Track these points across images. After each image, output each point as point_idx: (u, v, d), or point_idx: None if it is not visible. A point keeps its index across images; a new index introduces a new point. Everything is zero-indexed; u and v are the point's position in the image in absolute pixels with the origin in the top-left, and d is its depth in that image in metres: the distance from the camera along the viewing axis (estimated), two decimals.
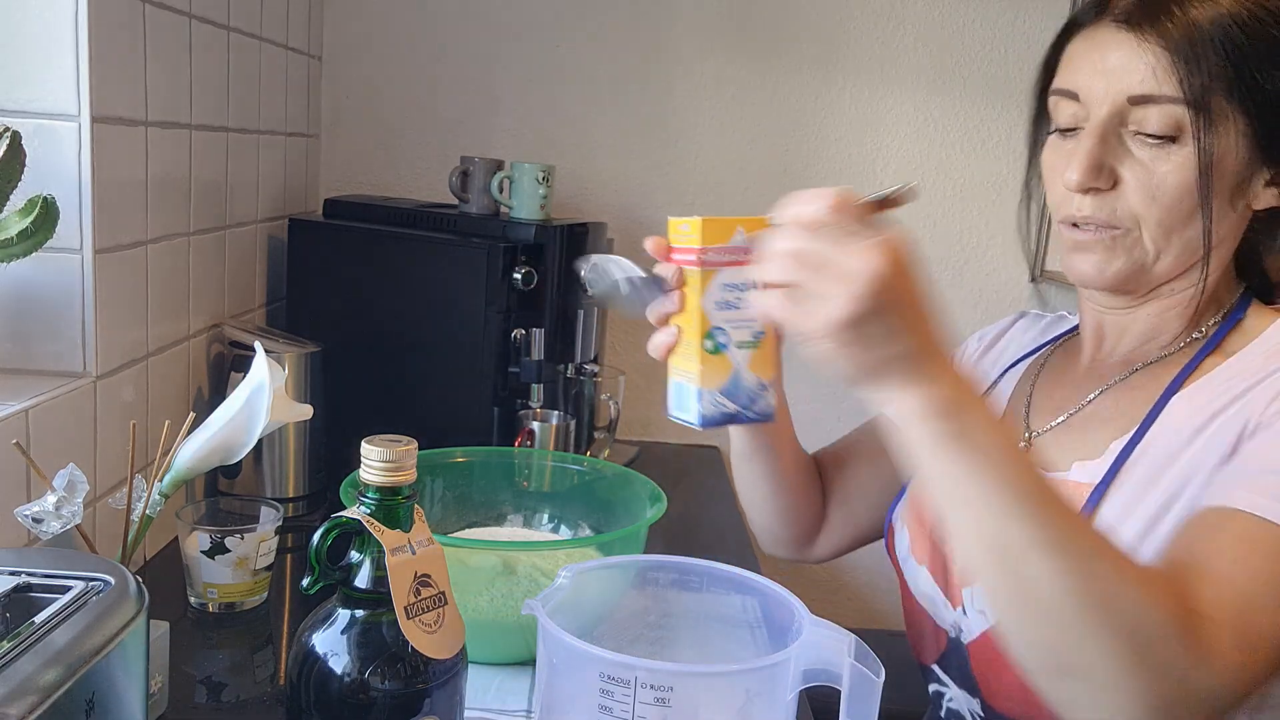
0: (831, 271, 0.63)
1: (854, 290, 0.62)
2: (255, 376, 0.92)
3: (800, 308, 0.65)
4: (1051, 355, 1.01)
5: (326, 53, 1.78)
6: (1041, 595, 0.66)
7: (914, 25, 1.78)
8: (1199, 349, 0.87)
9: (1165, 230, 0.82)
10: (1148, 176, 0.81)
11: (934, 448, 0.67)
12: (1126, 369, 0.90)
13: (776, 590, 0.75)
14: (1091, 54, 0.83)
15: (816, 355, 0.66)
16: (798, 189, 0.68)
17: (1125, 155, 0.82)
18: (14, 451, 0.86)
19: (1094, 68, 0.83)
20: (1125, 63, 0.81)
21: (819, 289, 0.64)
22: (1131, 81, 0.80)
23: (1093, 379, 0.93)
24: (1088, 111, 0.83)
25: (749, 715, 0.66)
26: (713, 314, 0.75)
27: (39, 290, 1.02)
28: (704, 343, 0.75)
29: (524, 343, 1.43)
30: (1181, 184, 0.80)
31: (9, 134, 0.87)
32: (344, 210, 1.57)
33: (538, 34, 1.78)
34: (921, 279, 0.66)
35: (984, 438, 0.67)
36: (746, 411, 0.77)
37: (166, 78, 1.17)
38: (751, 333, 0.75)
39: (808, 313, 0.64)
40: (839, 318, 0.63)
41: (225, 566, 1.04)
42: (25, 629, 0.55)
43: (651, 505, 1.03)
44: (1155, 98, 0.79)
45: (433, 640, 0.64)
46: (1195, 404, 0.82)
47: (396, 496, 0.64)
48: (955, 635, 0.91)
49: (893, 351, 0.65)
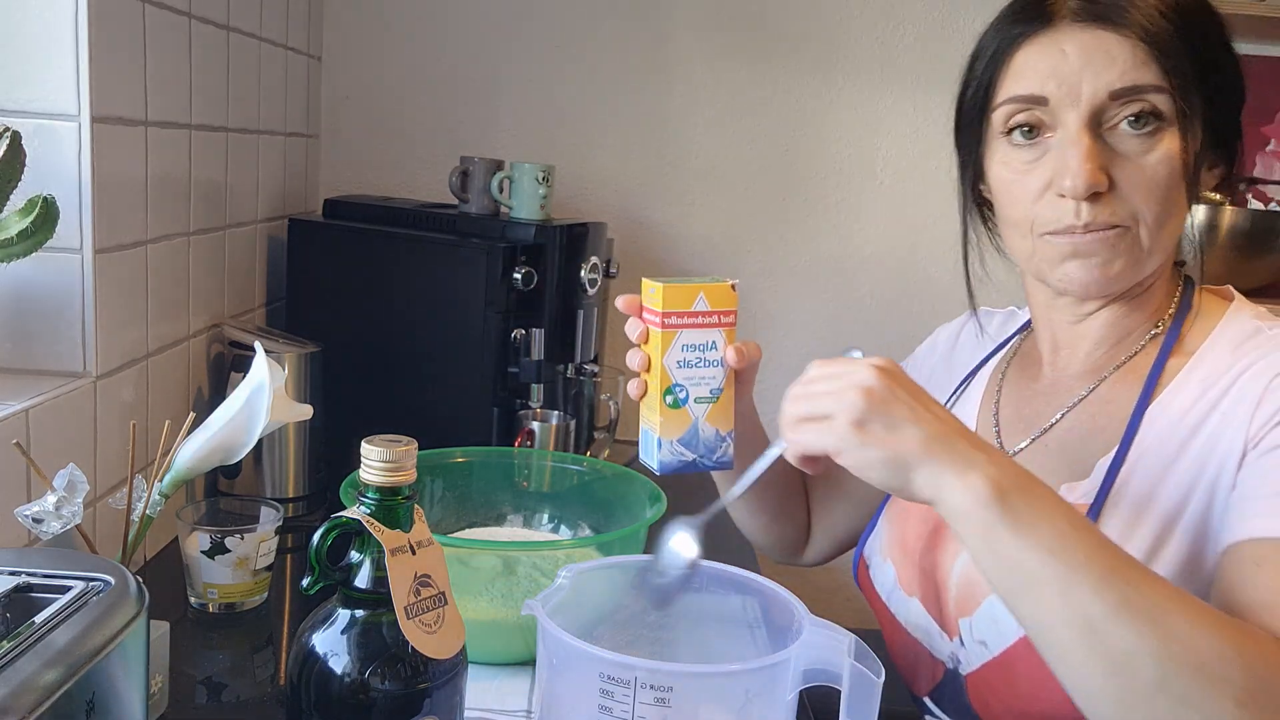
0: (833, 388, 0.70)
1: (852, 395, 0.69)
2: (255, 376, 0.92)
3: (819, 426, 0.71)
4: (1009, 367, 1.00)
5: (326, 53, 1.78)
6: (1138, 664, 0.63)
7: (914, 25, 1.78)
8: (1158, 349, 0.86)
9: (1159, 224, 0.81)
10: (1139, 171, 0.80)
11: (989, 537, 0.67)
12: (1092, 380, 0.89)
13: (776, 590, 0.75)
14: (1053, 57, 0.81)
15: (851, 466, 0.70)
16: (797, 189, 0.70)
17: (1110, 153, 0.80)
18: (14, 451, 0.86)
19: (1063, 69, 0.80)
20: (1103, 57, 0.79)
21: (827, 407, 0.70)
22: (1112, 75, 0.79)
23: (1058, 393, 0.92)
24: (1058, 116, 0.81)
25: (749, 715, 0.66)
26: (673, 371, 0.84)
27: (39, 290, 1.02)
28: (665, 397, 0.84)
29: (524, 343, 1.43)
30: (1170, 174, 0.80)
31: (9, 134, 0.87)
32: (344, 210, 1.57)
33: (538, 34, 1.78)
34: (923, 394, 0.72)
35: (1041, 515, 0.66)
36: (704, 460, 0.86)
37: (166, 78, 1.17)
38: (709, 389, 0.85)
39: (826, 429, 0.70)
40: (848, 421, 0.69)
41: (225, 566, 1.04)
42: (25, 629, 0.55)
43: (651, 505, 1.03)
44: (1140, 88, 0.79)
45: (433, 640, 0.64)
46: (1172, 413, 0.82)
47: (396, 496, 0.64)
48: (953, 667, 0.89)
49: (912, 436, 0.68)
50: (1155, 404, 0.83)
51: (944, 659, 0.91)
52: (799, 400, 0.73)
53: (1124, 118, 0.80)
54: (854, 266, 1.85)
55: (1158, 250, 0.83)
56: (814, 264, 1.85)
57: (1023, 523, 0.66)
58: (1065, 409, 0.90)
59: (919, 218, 1.83)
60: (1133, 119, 0.79)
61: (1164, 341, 0.86)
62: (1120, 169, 0.80)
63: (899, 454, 0.68)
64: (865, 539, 1.04)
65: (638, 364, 0.87)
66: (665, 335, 0.83)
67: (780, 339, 1.87)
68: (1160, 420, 0.82)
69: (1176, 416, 0.81)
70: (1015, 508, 0.66)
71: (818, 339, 1.86)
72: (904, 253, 1.85)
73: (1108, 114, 0.80)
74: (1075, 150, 0.80)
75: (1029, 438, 0.91)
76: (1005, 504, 0.66)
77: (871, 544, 1.02)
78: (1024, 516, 0.66)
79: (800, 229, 1.83)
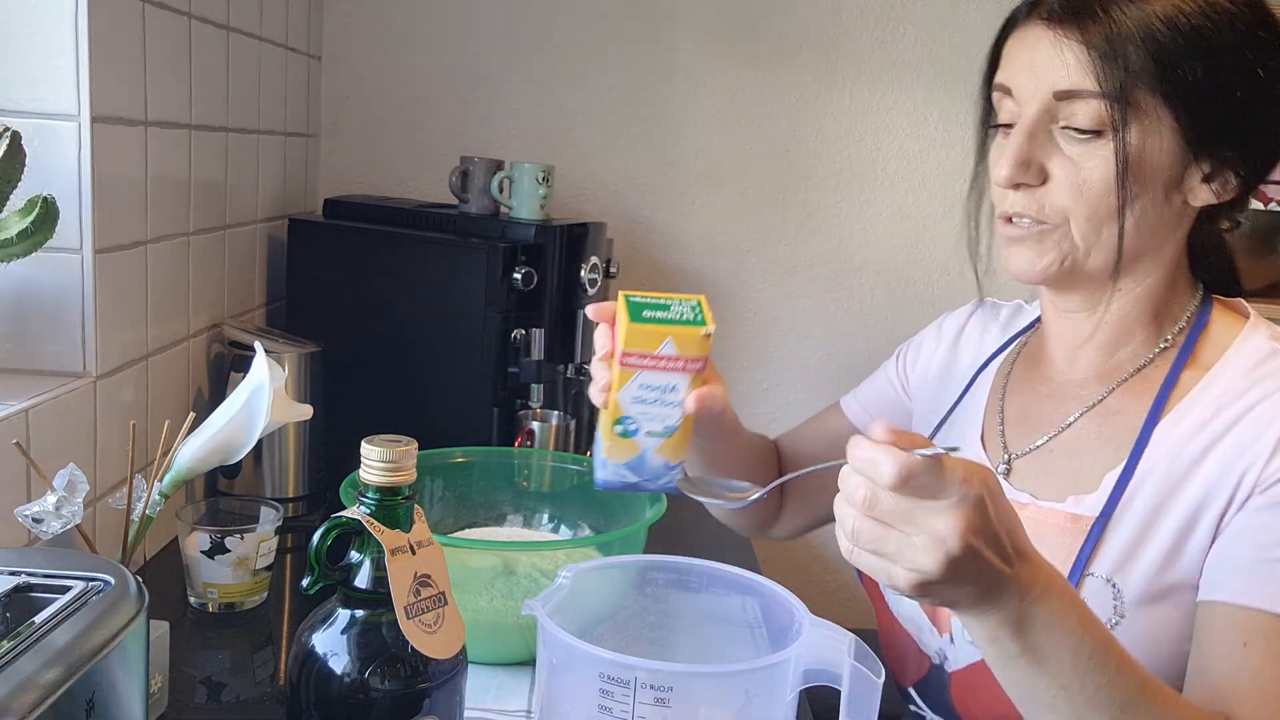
0: (918, 533, 0.61)
1: (929, 559, 0.61)
2: (255, 376, 0.92)
3: (878, 563, 0.63)
4: (1016, 363, 1.00)
5: (326, 53, 1.78)
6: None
7: (914, 25, 1.78)
8: (1172, 361, 0.86)
9: (1094, 225, 0.82)
10: (1075, 172, 0.81)
11: (1008, 665, 0.68)
12: (1102, 388, 0.89)
13: (776, 590, 0.75)
14: (1022, 52, 0.84)
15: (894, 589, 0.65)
16: (797, 189, 0.68)
17: (1054, 151, 0.82)
18: (14, 451, 0.86)
19: (1024, 64, 0.83)
20: (1049, 59, 0.81)
21: (896, 552, 0.62)
22: (1056, 77, 0.81)
23: (1067, 398, 0.92)
24: (1020, 108, 0.84)
25: (749, 715, 0.66)
26: (627, 405, 0.77)
27: (39, 290, 1.02)
28: (615, 426, 0.78)
29: (524, 343, 1.43)
30: (1106, 178, 0.80)
31: (9, 134, 0.87)
32: (344, 210, 1.57)
33: (538, 34, 1.78)
34: (1005, 512, 0.64)
35: (1063, 647, 0.66)
36: (648, 484, 0.80)
37: (166, 78, 1.17)
38: (663, 426, 0.78)
39: (883, 570, 0.63)
40: (926, 578, 0.62)
41: (225, 566, 1.04)
42: (25, 629, 0.55)
43: (651, 505, 1.03)
44: (1078, 92, 0.80)
45: (433, 640, 0.64)
46: (1183, 431, 0.82)
47: (396, 496, 0.64)
48: (939, 662, 0.90)
49: (970, 593, 0.64)
50: (1166, 420, 0.83)
51: (931, 654, 0.91)
52: (876, 525, 0.62)
53: (1067, 122, 0.81)
54: (854, 266, 1.85)
55: (1098, 251, 0.83)
56: (814, 264, 1.85)
57: (1043, 656, 0.66)
58: (1073, 415, 0.90)
59: (919, 217, 1.83)
60: (1073, 127, 0.81)
61: (1177, 355, 0.86)
62: (1059, 167, 0.82)
63: (946, 601, 0.65)
64: None
65: (600, 379, 0.82)
66: (623, 373, 0.76)
67: (780, 339, 1.87)
68: (1171, 437, 0.82)
69: (1187, 435, 0.82)
70: (1036, 643, 0.66)
71: (818, 339, 1.86)
72: (904, 253, 1.85)
73: (1059, 112, 0.82)
74: (1011, 142, 0.83)
75: (1035, 442, 0.91)
76: (1027, 640, 0.66)
77: None
78: (1044, 650, 0.66)
79: (800, 229, 1.83)
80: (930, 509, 0.60)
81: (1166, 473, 0.81)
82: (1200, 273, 0.91)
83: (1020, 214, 0.84)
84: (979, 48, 0.92)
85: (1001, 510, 0.63)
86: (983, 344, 1.06)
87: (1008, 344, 1.03)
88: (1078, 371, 0.92)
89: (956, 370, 1.06)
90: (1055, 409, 0.92)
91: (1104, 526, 0.82)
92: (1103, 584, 0.81)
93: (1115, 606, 0.80)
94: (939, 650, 0.90)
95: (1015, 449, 0.93)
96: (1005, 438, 0.94)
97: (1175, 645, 0.79)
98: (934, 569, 0.60)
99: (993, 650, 0.68)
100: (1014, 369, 1.00)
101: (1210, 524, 0.79)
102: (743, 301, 1.86)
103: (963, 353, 1.07)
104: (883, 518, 0.62)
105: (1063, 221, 0.83)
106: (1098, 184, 0.80)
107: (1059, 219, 0.83)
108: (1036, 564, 0.66)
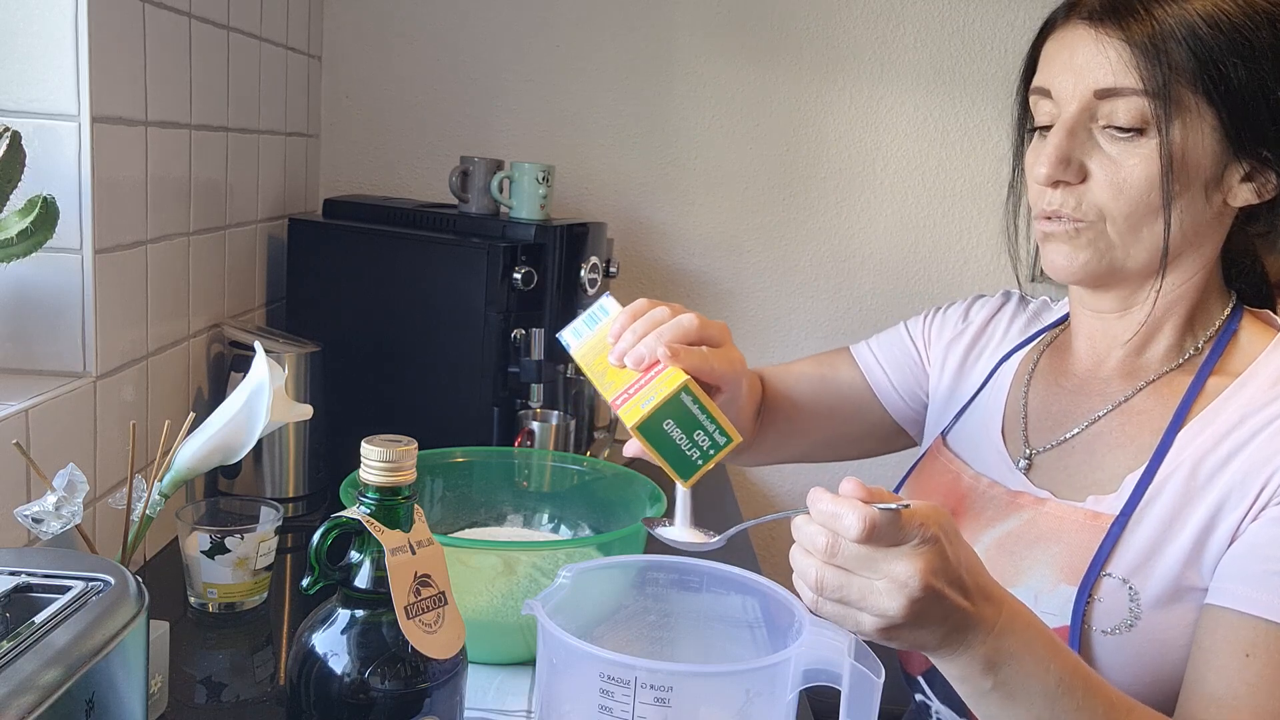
0: (879, 577, 0.63)
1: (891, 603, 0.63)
2: (255, 376, 0.92)
3: (844, 612, 0.65)
4: (1041, 357, 1.00)
5: (326, 53, 1.78)
6: None
7: (914, 25, 1.78)
8: (1199, 366, 0.86)
9: (1132, 224, 0.82)
10: (1114, 170, 0.81)
11: (981, 701, 0.70)
12: (1128, 387, 0.90)
13: (776, 590, 0.75)
14: (1062, 53, 0.85)
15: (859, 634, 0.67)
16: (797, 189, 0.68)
17: (1094, 150, 0.83)
18: (14, 451, 0.86)
19: (1064, 65, 0.84)
20: (1090, 58, 0.82)
21: (859, 599, 0.64)
22: (1097, 75, 0.81)
23: (1092, 395, 0.92)
24: (1060, 109, 0.84)
25: (749, 715, 0.66)
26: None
27: (39, 290, 1.02)
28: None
29: (524, 343, 1.43)
30: (1147, 177, 0.81)
31: (9, 134, 0.87)
32: (344, 210, 1.57)
33: (537, 34, 1.78)
34: (963, 552, 0.66)
35: (1033, 680, 0.68)
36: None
37: (166, 78, 1.17)
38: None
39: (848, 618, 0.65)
40: (891, 622, 0.64)
41: (225, 566, 1.04)
42: (25, 629, 0.55)
43: (651, 505, 1.03)
44: (1119, 90, 0.80)
45: (433, 640, 0.64)
46: (1206, 438, 0.82)
47: (396, 496, 0.64)
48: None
49: (934, 633, 0.66)
50: (1190, 425, 0.83)
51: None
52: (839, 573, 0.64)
53: (1108, 120, 0.82)
54: (854, 266, 1.85)
55: (1136, 250, 0.83)
56: (814, 264, 1.85)
57: (1013, 690, 0.68)
58: (1096, 414, 0.90)
59: (919, 217, 1.83)
60: (1114, 125, 0.81)
61: (1204, 361, 0.87)
62: (1099, 165, 0.82)
63: (914, 644, 0.67)
64: None
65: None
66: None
67: (780, 339, 1.87)
68: (1194, 443, 0.82)
69: (1211, 442, 0.82)
70: (1006, 680, 0.68)
71: (818, 339, 1.86)
72: (904, 253, 1.85)
73: (1099, 111, 0.82)
74: (1052, 140, 0.83)
75: (1057, 438, 0.92)
76: (998, 676, 0.68)
77: None
78: (1014, 684, 0.68)
79: (800, 229, 1.83)
80: (890, 554, 0.63)
81: (1188, 478, 0.81)
82: (1233, 281, 0.91)
83: (1057, 212, 0.84)
84: (979, 48, 0.93)
85: (959, 550, 0.65)
86: (1007, 336, 1.06)
87: (1032, 339, 1.03)
88: (1104, 370, 0.92)
89: (979, 360, 1.06)
90: (1079, 406, 0.92)
91: (1123, 527, 0.82)
92: (1120, 585, 0.81)
93: (1131, 609, 0.80)
94: None
95: (1036, 445, 0.93)
96: (1027, 433, 0.94)
97: (1188, 650, 0.79)
98: (897, 611, 0.63)
99: (965, 688, 0.70)
100: (1038, 364, 1.00)
101: (1228, 530, 0.79)
102: (743, 301, 1.86)
103: (987, 343, 1.07)
104: (844, 565, 0.64)
105: (1099, 219, 0.83)
106: (1139, 182, 0.81)
107: (1095, 216, 0.83)
108: (999, 599, 0.68)
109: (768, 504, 1.91)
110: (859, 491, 0.64)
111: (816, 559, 0.64)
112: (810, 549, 0.65)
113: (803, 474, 1.88)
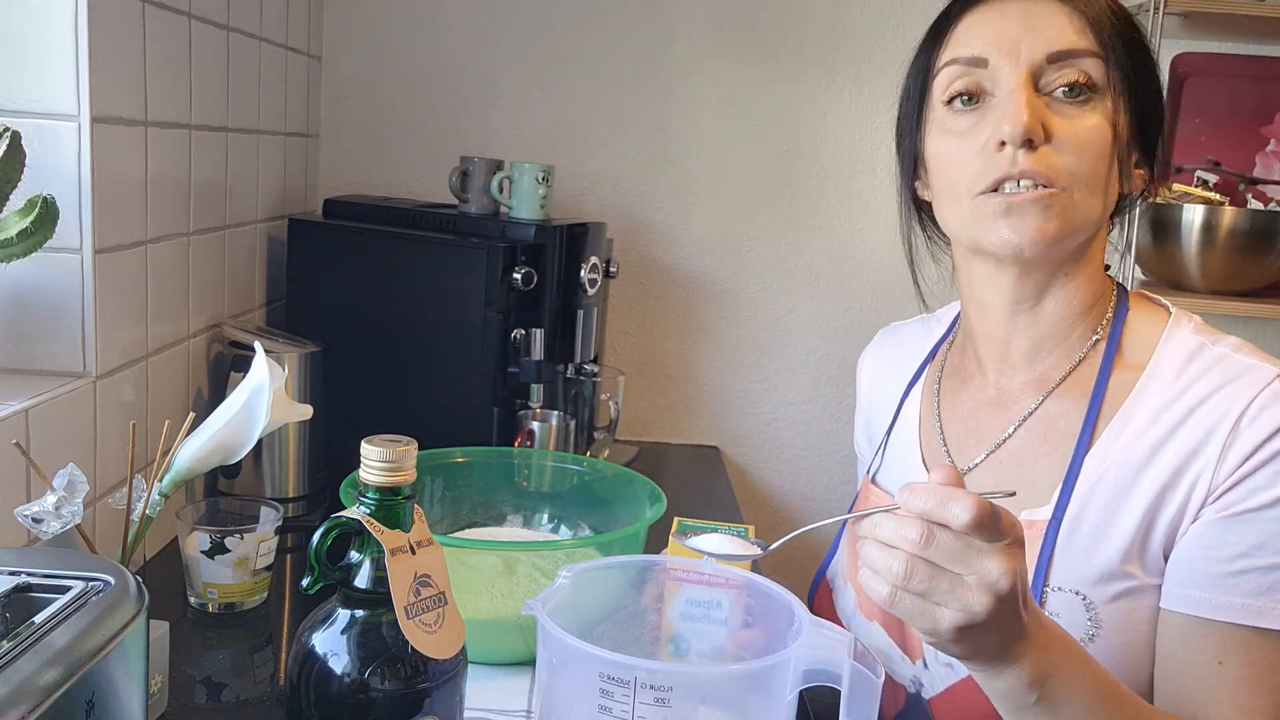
0: (970, 573, 0.61)
1: (977, 601, 0.61)
2: (255, 376, 0.92)
3: (921, 607, 0.63)
4: (942, 379, 0.98)
5: (326, 53, 1.78)
6: None
7: (914, 25, 1.77)
8: (1100, 360, 0.85)
9: (1090, 190, 0.81)
10: (1074, 133, 0.80)
11: (1022, 716, 0.69)
12: (1038, 392, 0.88)
13: (777, 590, 0.75)
14: (996, 21, 0.83)
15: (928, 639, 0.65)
16: (797, 189, 0.68)
17: (1049, 114, 0.81)
18: (14, 451, 0.86)
19: (1005, 31, 0.82)
20: (1043, 21, 0.81)
21: (942, 596, 0.62)
22: (1050, 37, 0.81)
23: (1005, 405, 0.90)
24: (997, 78, 0.82)
25: (749, 715, 0.66)
26: (676, 622, 0.78)
27: (39, 290, 1.02)
28: (667, 645, 0.78)
29: (524, 343, 1.43)
30: (1102, 141, 0.81)
31: (9, 134, 0.87)
32: (343, 210, 1.57)
33: (537, 34, 1.78)
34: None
35: (1074, 695, 0.68)
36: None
37: (166, 78, 1.17)
38: (712, 645, 0.77)
39: (925, 615, 0.63)
40: (973, 620, 0.61)
41: (225, 566, 1.04)
42: (25, 629, 0.55)
43: (651, 505, 1.03)
44: (1075, 51, 0.80)
45: (433, 640, 0.64)
46: (1127, 438, 0.81)
47: (396, 496, 0.64)
48: (915, 690, 0.89)
49: (997, 641, 0.65)
50: (1110, 427, 0.82)
51: (905, 683, 0.90)
52: (928, 567, 0.61)
53: (1060, 84, 0.81)
54: (854, 266, 1.85)
55: (1086, 219, 0.82)
56: (814, 264, 1.85)
57: (1055, 703, 0.68)
58: (1015, 423, 0.89)
59: None
60: (1067, 87, 0.81)
61: (1105, 351, 0.86)
62: (1059, 127, 0.80)
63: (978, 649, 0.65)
64: (827, 563, 1.03)
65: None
66: (671, 587, 0.77)
67: (780, 339, 1.87)
68: (1117, 444, 0.81)
69: (1131, 440, 0.81)
70: (1051, 692, 0.67)
71: (818, 338, 1.86)
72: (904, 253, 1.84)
73: (1045, 78, 0.81)
74: (1015, 99, 0.80)
75: (982, 454, 0.90)
76: (1043, 689, 0.67)
77: (833, 568, 1.02)
78: (1058, 699, 0.68)
79: (800, 229, 1.83)
80: (985, 551, 0.61)
81: (1115, 480, 0.80)
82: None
83: (1026, 173, 0.79)
84: None
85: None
86: (903, 366, 1.04)
87: (929, 358, 1.02)
88: (1007, 377, 0.91)
89: (884, 399, 1.04)
90: (995, 418, 0.91)
91: (1056, 534, 0.81)
92: (1073, 598, 0.80)
93: (1090, 620, 0.80)
94: (913, 678, 0.89)
95: (963, 464, 0.91)
96: (951, 455, 0.93)
97: (1152, 649, 0.80)
98: (983, 609, 0.61)
99: (1007, 704, 0.69)
100: (942, 383, 0.98)
101: (1166, 527, 0.78)
102: (743, 301, 1.86)
103: (885, 381, 1.05)
104: (935, 558, 0.61)
105: (1069, 184, 0.80)
106: (1097, 143, 0.80)
107: (1066, 180, 0.80)
108: (1036, 612, 0.68)
109: (768, 504, 1.91)
110: (957, 479, 0.62)
111: (904, 551, 0.62)
112: (897, 542, 0.62)
113: (802, 473, 1.88)
